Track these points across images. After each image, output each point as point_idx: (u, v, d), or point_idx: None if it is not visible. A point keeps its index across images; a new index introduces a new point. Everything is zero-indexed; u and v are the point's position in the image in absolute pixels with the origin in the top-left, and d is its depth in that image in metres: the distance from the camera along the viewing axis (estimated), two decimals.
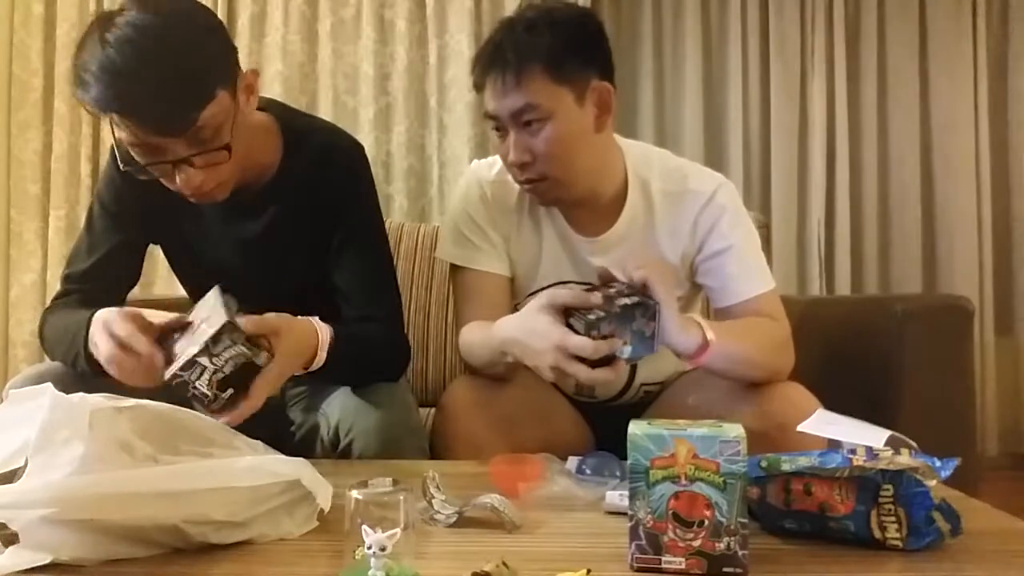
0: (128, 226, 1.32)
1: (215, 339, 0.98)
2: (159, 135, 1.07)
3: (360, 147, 1.35)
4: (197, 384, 0.98)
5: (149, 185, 1.18)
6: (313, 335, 1.16)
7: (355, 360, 1.22)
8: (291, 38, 3.01)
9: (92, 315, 1.11)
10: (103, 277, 1.31)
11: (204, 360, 0.98)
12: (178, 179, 1.11)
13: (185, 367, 0.98)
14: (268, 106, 1.31)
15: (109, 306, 1.13)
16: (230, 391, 1.00)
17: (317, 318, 1.19)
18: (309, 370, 1.17)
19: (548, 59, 1.22)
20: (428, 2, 3.05)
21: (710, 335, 1.14)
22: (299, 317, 1.16)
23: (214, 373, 0.98)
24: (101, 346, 1.06)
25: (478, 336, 1.29)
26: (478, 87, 1.28)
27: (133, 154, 1.10)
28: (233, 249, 1.32)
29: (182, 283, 1.44)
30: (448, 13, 3.05)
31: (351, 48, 3.06)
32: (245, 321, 1.02)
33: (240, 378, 1.00)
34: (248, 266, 1.32)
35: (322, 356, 1.16)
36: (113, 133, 1.11)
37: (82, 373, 1.15)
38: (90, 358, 1.12)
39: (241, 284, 1.15)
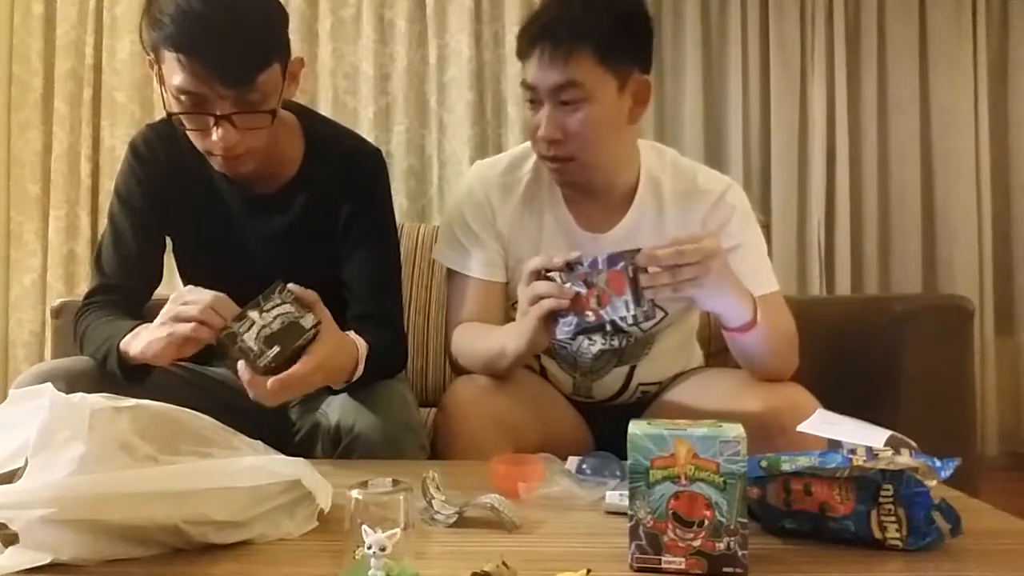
0: (148, 218, 1.33)
1: (266, 295, 1.04)
2: (220, 84, 1.10)
3: (380, 154, 1.41)
4: (244, 337, 1.03)
5: (169, 174, 1.23)
6: (355, 348, 1.19)
7: (374, 370, 1.24)
8: (291, 38, 3.01)
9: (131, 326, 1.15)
10: (131, 274, 1.33)
11: (254, 314, 1.03)
12: (215, 135, 1.14)
13: (236, 319, 1.03)
14: (288, 105, 1.33)
15: (140, 304, 1.26)
16: (276, 348, 1.03)
17: (354, 332, 1.21)
18: (347, 382, 1.20)
19: (600, 42, 1.22)
20: (428, 2, 3.05)
21: (759, 314, 1.20)
22: (344, 333, 1.18)
23: (262, 328, 1.03)
24: (160, 314, 1.09)
25: (472, 335, 1.33)
26: (522, 55, 1.27)
27: (178, 103, 1.13)
28: (254, 243, 1.35)
29: (187, 278, 1.42)
30: (448, 13, 3.05)
31: (351, 48, 3.06)
32: (296, 287, 1.07)
33: (286, 337, 1.04)
34: (267, 260, 1.34)
35: (360, 369, 1.20)
36: (161, 82, 1.15)
37: (108, 372, 1.17)
38: (121, 355, 1.14)
39: (256, 276, 1.16)
